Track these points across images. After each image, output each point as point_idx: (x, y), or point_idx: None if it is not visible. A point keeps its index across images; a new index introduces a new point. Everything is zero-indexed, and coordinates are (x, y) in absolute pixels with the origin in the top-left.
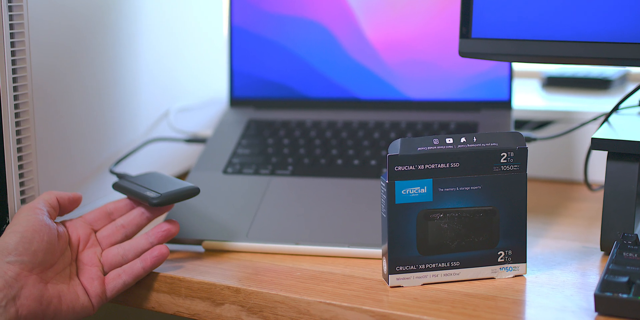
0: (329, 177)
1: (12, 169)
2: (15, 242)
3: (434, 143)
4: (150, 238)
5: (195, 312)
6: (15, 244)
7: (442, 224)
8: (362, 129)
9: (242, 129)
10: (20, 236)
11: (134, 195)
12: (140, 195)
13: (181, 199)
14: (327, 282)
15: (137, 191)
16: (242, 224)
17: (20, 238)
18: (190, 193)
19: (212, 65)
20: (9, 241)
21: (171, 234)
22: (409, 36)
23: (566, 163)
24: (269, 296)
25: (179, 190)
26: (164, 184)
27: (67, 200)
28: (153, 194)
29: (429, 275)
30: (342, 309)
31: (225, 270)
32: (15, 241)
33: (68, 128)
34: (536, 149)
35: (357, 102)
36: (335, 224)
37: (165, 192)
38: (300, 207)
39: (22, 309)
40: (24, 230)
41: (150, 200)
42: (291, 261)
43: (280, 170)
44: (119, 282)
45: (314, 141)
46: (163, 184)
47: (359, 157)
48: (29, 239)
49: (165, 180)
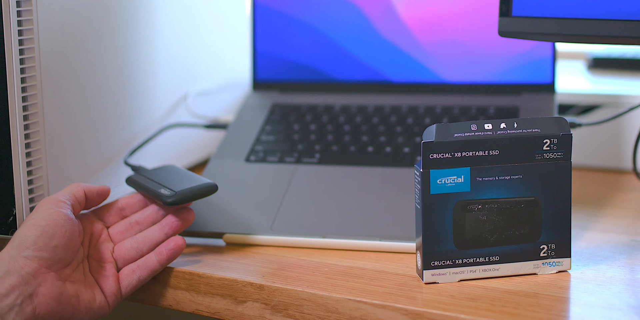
0: (359, 166)
1: (19, 158)
2: (35, 236)
3: (471, 129)
4: (165, 229)
5: (215, 310)
6: (35, 238)
7: (480, 216)
8: (394, 114)
9: (266, 114)
10: (42, 230)
11: (148, 192)
12: (154, 193)
13: (197, 197)
14: (356, 278)
15: (151, 188)
16: (266, 216)
17: (41, 232)
18: (207, 191)
19: (233, 46)
20: (29, 234)
21: (186, 223)
22: (445, 14)
23: (614, 150)
24: (295, 293)
25: (195, 188)
26: (180, 179)
27: (96, 194)
28: (168, 192)
29: (466, 270)
30: (372, 307)
31: (247, 266)
32: (36, 235)
33: (79, 114)
34: (581, 135)
35: (389, 85)
36: (366, 215)
37: (181, 190)
38: (328, 197)
39: (39, 307)
40: (46, 224)
41: (165, 199)
42: (318, 256)
43: (307, 158)
44: (134, 278)
45: (343, 127)
46: (179, 179)
47: (391, 144)
48: (50, 234)
49: (182, 176)
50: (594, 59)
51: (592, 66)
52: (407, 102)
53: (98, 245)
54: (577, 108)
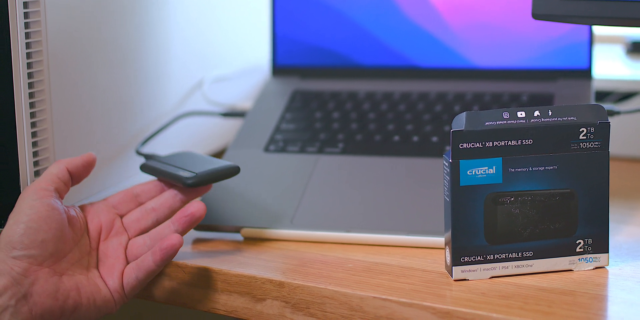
0: (385, 156)
1: (25, 148)
2: (20, 234)
3: (503, 117)
4: (175, 225)
5: (232, 308)
6: (20, 237)
7: (512, 209)
8: (422, 101)
9: (286, 101)
10: (24, 227)
11: (165, 176)
12: (172, 176)
13: (219, 178)
14: (382, 274)
15: (169, 171)
16: (286, 209)
17: (24, 229)
18: (229, 172)
19: (252, 29)
20: (12, 234)
21: (195, 219)
22: None
23: None
24: (317, 291)
25: (217, 169)
26: (198, 163)
27: (81, 166)
28: (187, 174)
29: (498, 267)
30: (399, 306)
31: (267, 262)
32: (20, 233)
33: (88, 102)
34: (620, 123)
35: (417, 70)
36: (392, 208)
37: (201, 172)
38: (352, 189)
39: (35, 307)
40: (28, 220)
41: (185, 180)
42: (342, 251)
43: (330, 148)
44: (132, 277)
45: (368, 115)
46: (198, 163)
47: (419, 133)
48: (34, 229)
49: (200, 159)
50: (633, 43)
51: (631, 51)
52: (435, 88)
53: (109, 238)
54: (615, 95)
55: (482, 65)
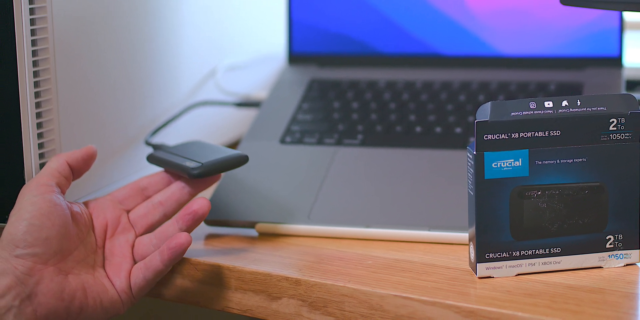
0: (406, 148)
1: (30, 140)
2: (22, 231)
3: (530, 107)
4: (179, 223)
5: (247, 307)
6: (23, 234)
7: (540, 203)
8: (445, 91)
9: (303, 90)
10: (27, 224)
11: (171, 166)
12: (178, 166)
13: (226, 168)
14: (403, 272)
15: (174, 162)
16: (303, 204)
17: (27, 226)
18: (236, 161)
19: (267, 15)
20: (15, 231)
21: (199, 217)
22: None
23: None
24: (335, 289)
25: (224, 159)
26: (206, 152)
27: (81, 159)
28: (193, 164)
29: (524, 263)
30: (421, 304)
31: (282, 258)
32: (22, 231)
33: (96, 91)
34: None
35: (440, 58)
36: (413, 203)
37: (207, 161)
38: (372, 183)
39: (40, 308)
40: (31, 217)
41: (190, 171)
42: (361, 247)
43: (348, 140)
44: (140, 277)
45: (388, 105)
46: (206, 152)
47: (442, 123)
48: (37, 226)
49: (209, 149)
50: None
51: None
52: (459, 77)
53: (116, 235)
54: None
55: (507, 53)
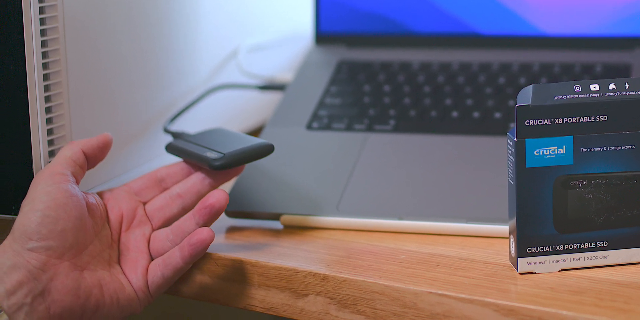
0: (441, 134)
1: (39, 125)
2: (36, 223)
3: (575, 90)
4: (196, 217)
5: (271, 305)
6: (37, 226)
7: (585, 194)
8: (483, 73)
9: (331, 72)
10: (41, 215)
11: (191, 157)
12: (198, 157)
13: (250, 159)
14: (438, 267)
15: (194, 152)
16: (331, 194)
17: (41, 217)
18: (261, 151)
19: None
20: (28, 223)
21: (215, 211)
22: None
23: None
24: (365, 285)
25: (247, 149)
26: (229, 141)
27: (97, 148)
28: (214, 155)
29: (568, 258)
30: (457, 302)
31: (309, 253)
32: (36, 222)
33: (110, 73)
34: None
35: (478, 38)
36: (449, 193)
37: (229, 152)
38: (405, 172)
39: (54, 305)
40: (45, 207)
41: (211, 162)
42: (393, 241)
43: (380, 125)
44: (157, 275)
45: (423, 88)
46: (228, 141)
47: (480, 108)
48: (52, 218)
49: (231, 138)
50: None
51: None
52: (498, 58)
53: (131, 229)
54: None
55: (551, 32)
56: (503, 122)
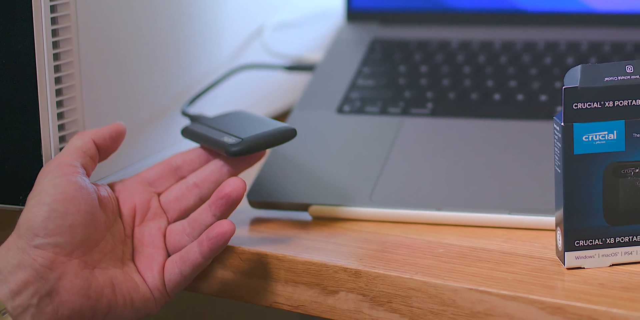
0: (483, 118)
1: (48, 109)
2: (43, 218)
3: (627, 71)
4: (212, 208)
5: (298, 303)
6: (43, 221)
7: (638, 183)
8: (528, 52)
9: (364, 52)
10: (48, 209)
11: (207, 142)
12: (215, 142)
13: (270, 144)
14: (479, 262)
15: (211, 137)
16: (364, 183)
17: (48, 212)
18: (282, 136)
19: None
20: (34, 218)
21: (232, 201)
22: None
23: None
24: (401, 281)
25: (267, 133)
26: (249, 125)
27: (108, 138)
28: (232, 140)
29: (619, 252)
30: (500, 299)
31: (340, 246)
32: (43, 217)
33: (125, 53)
34: None
35: (522, 15)
36: (491, 182)
37: (248, 136)
38: (443, 159)
39: (62, 307)
40: (52, 201)
41: (228, 147)
42: (431, 233)
43: (416, 109)
44: (175, 272)
45: (462, 69)
46: (248, 125)
47: (524, 90)
48: (61, 212)
49: (252, 121)
50: None
51: None
52: (544, 36)
53: (145, 222)
54: None
55: (600, 9)
56: (549, 106)
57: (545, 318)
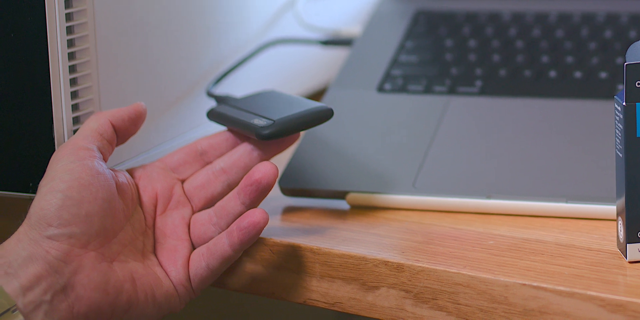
0: (537, 97)
1: (61, 87)
2: (57, 206)
3: None
4: (241, 196)
5: (335, 300)
6: (57, 210)
7: None
8: (586, 25)
9: (407, 24)
10: (63, 197)
11: (236, 125)
12: (244, 124)
13: (304, 126)
14: (533, 255)
15: (240, 119)
16: (407, 168)
17: (62, 200)
18: (317, 117)
19: None
20: (47, 206)
21: (263, 188)
22: None
23: None
24: (447, 276)
25: (300, 114)
26: (280, 106)
27: (127, 120)
28: (262, 122)
29: None
30: (555, 296)
31: (380, 238)
32: (56, 205)
33: (145, 26)
34: None
35: None
36: (546, 167)
37: (280, 118)
38: (494, 142)
39: (79, 304)
40: (67, 188)
41: (258, 130)
42: (480, 223)
43: (464, 87)
44: (202, 266)
45: (515, 43)
46: (280, 106)
47: (582, 67)
48: (76, 200)
49: (284, 101)
50: None
51: None
52: (604, 7)
53: (167, 211)
54: None
55: None
56: (609, 84)
57: (605, 316)
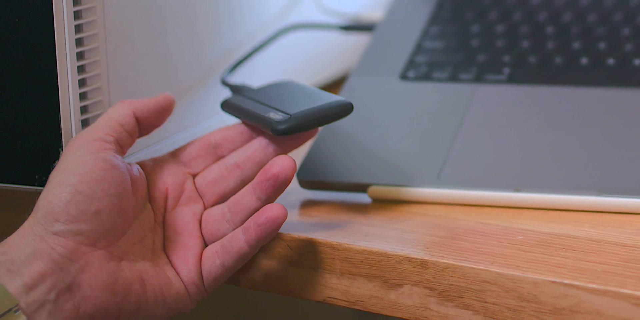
0: (568, 86)
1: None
2: (65, 200)
3: None
4: (256, 191)
5: (356, 298)
6: (65, 205)
7: None
8: (619, 9)
9: (431, 9)
10: (72, 191)
11: (250, 118)
12: (259, 118)
13: (322, 122)
14: (564, 250)
15: (255, 112)
16: (431, 160)
17: (72, 194)
18: (336, 112)
19: None
20: (55, 200)
21: (280, 182)
22: None
23: None
24: (474, 273)
25: (318, 108)
26: (298, 99)
27: (153, 112)
28: (278, 116)
29: None
30: (587, 294)
31: (404, 233)
32: (65, 199)
33: (158, 11)
34: None
35: None
36: (577, 159)
37: (297, 112)
38: (523, 132)
39: (85, 304)
40: (78, 182)
41: (274, 125)
42: (508, 218)
43: (491, 75)
44: (216, 264)
45: (544, 29)
46: (297, 99)
47: (615, 53)
48: (87, 195)
49: (302, 94)
50: None
51: None
52: None
53: (178, 207)
54: None
55: None
56: None
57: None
